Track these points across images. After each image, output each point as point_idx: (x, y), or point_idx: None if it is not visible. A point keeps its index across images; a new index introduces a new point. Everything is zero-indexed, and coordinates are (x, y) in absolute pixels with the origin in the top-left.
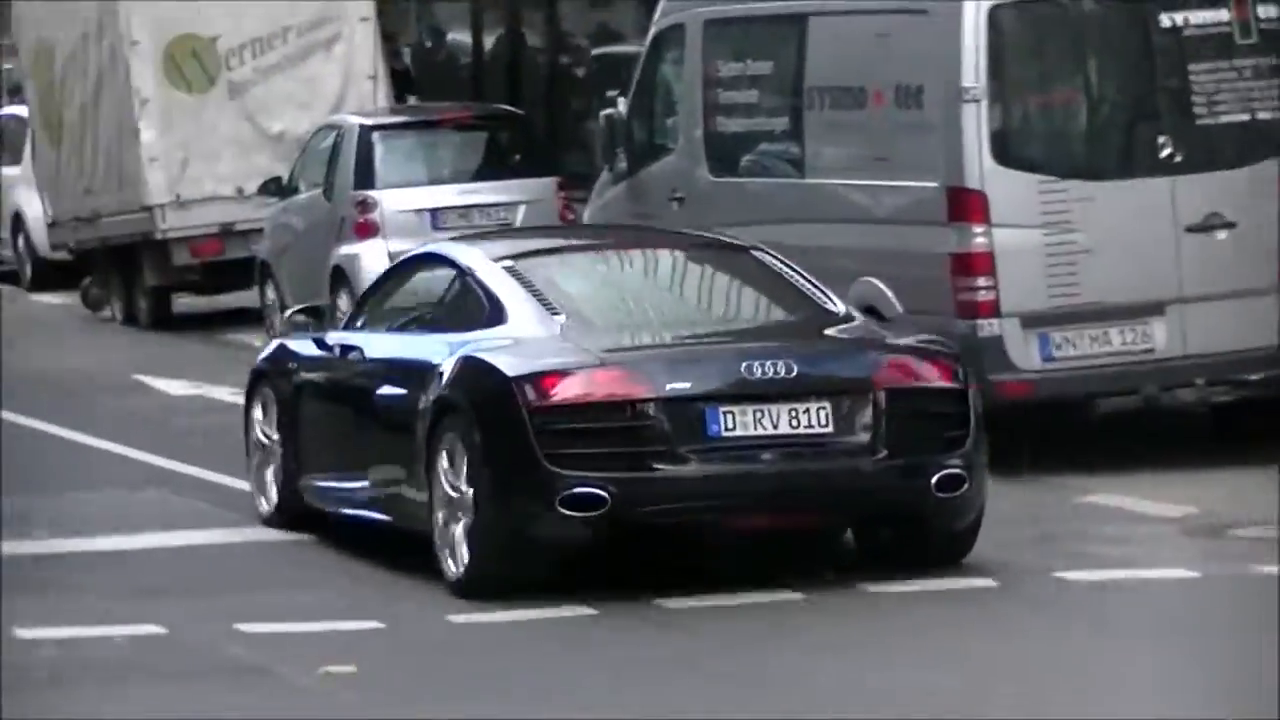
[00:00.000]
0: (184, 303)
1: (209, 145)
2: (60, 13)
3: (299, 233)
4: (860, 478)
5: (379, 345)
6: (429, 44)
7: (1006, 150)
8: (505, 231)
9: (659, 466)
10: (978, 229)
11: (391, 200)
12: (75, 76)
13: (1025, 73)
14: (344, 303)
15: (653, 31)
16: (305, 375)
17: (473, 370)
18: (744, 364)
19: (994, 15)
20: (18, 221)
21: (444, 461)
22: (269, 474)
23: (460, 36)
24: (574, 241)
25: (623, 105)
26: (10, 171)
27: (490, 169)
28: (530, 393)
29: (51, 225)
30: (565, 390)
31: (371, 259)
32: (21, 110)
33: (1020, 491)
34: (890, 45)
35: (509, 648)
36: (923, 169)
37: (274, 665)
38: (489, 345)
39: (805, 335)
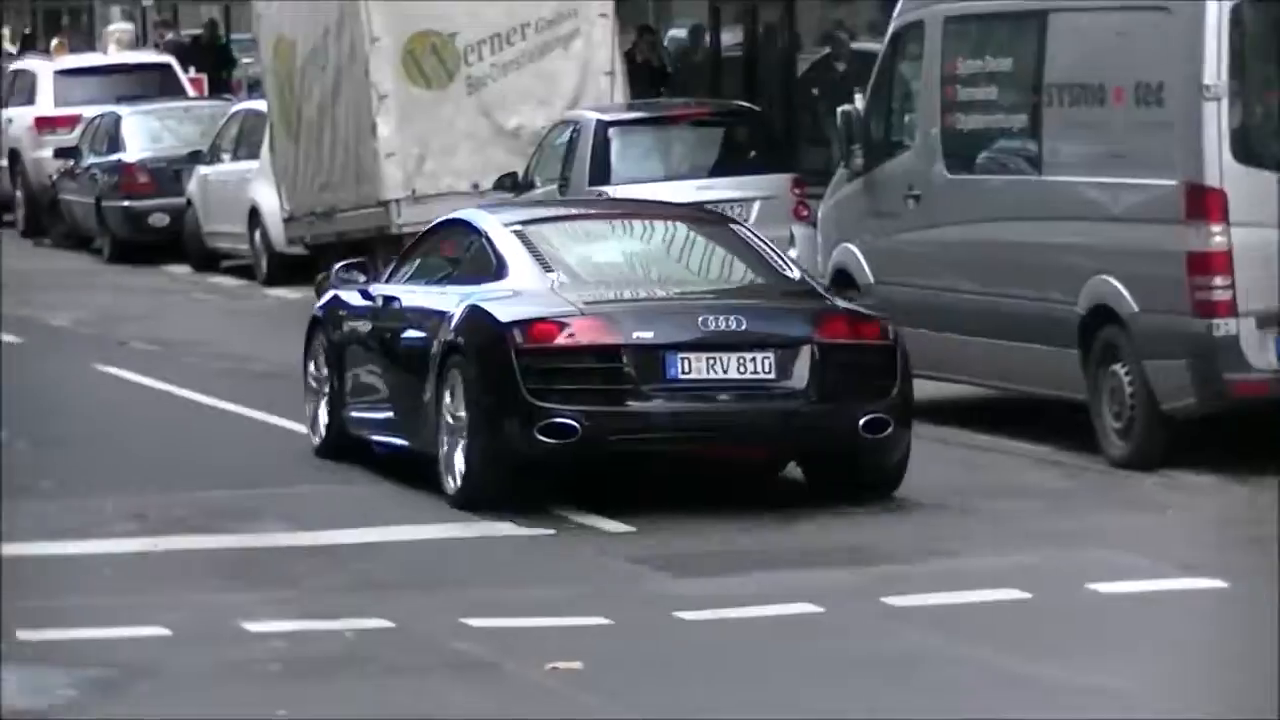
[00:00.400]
0: None
1: (446, 141)
2: (301, 9)
3: None
4: (797, 417)
5: (410, 296)
6: (666, 40)
7: (1246, 148)
8: (521, 202)
9: (625, 402)
10: (1216, 227)
11: (627, 195)
12: (314, 72)
13: (1266, 70)
14: None
15: (892, 28)
16: (351, 322)
17: (473, 317)
18: (701, 318)
19: (1236, 12)
20: (254, 216)
21: (448, 393)
22: (321, 410)
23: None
24: (576, 211)
25: (860, 102)
26: (248, 166)
27: (726, 165)
28: (518, 336)
29: (288, 220)
30: (547, 335)
31: None
32: (260, 105)
33: (1245, 490)
34: (1130, 42)
35: (735, 645)
36: (1161, 167)
37: (502, 661)
38: (490, 296)
39: (759, 296)
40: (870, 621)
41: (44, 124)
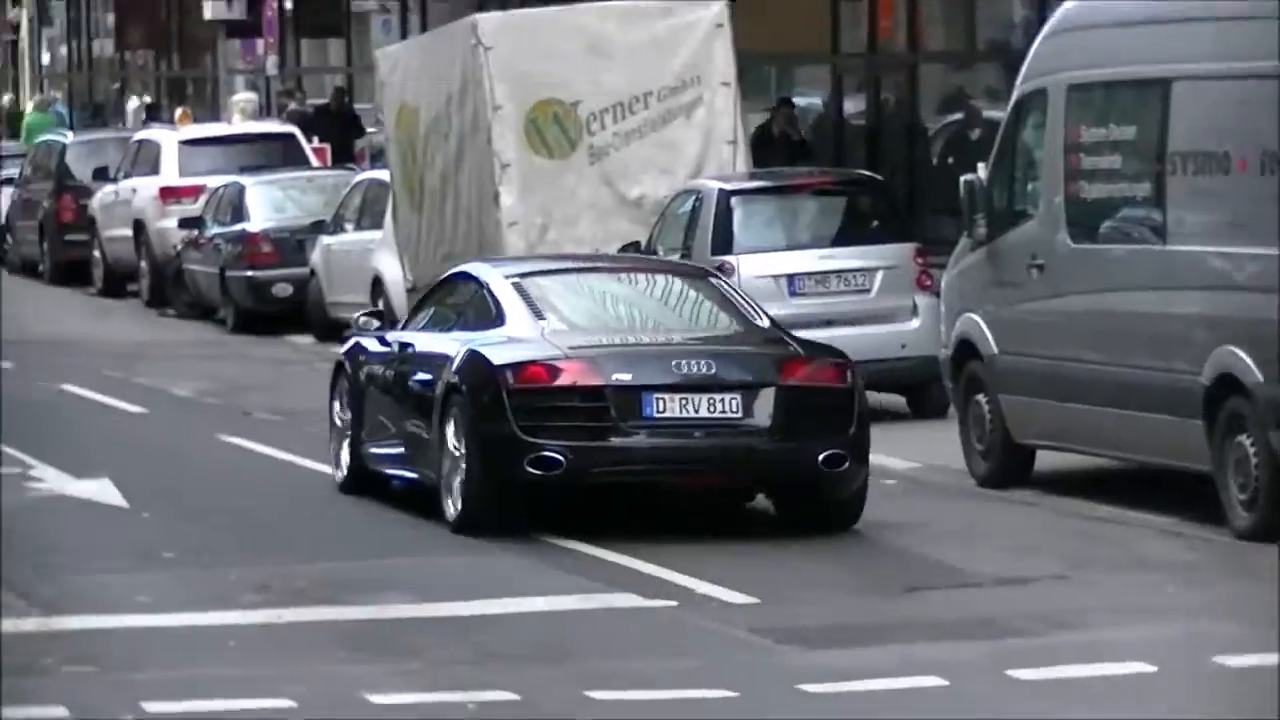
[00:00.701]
0: None
1: (568, 210)
2: (424, 77)
3: None
4: (760, 452)
5: (420, 341)
6: (786, 109)
7: None
8: (521, 258)
9: (607, 438)
10: None
11: (749, 265)
12: (437, 141)
13: None
14: None
15: (1015, 96)
16: (369, 366)
17: (471, 360)
18: (675, 362)
19: None
20: (377, 286)
21: (449, 429)
22: (344, 448)
23: (818, 101)
24: (568, 265)
25: (983, 171)
26: (371, 235)
27: (848, 234)
28: (510, 377)
29: (410, 290)
30: (536, 377)
31: None
32: (382, 174)
33: None
34: (1254, 111)
35: (860, 718)
36: None
37: None
38: (487, 341)
39: (729, 342)
40: (996, 695)
41: (168, 194)
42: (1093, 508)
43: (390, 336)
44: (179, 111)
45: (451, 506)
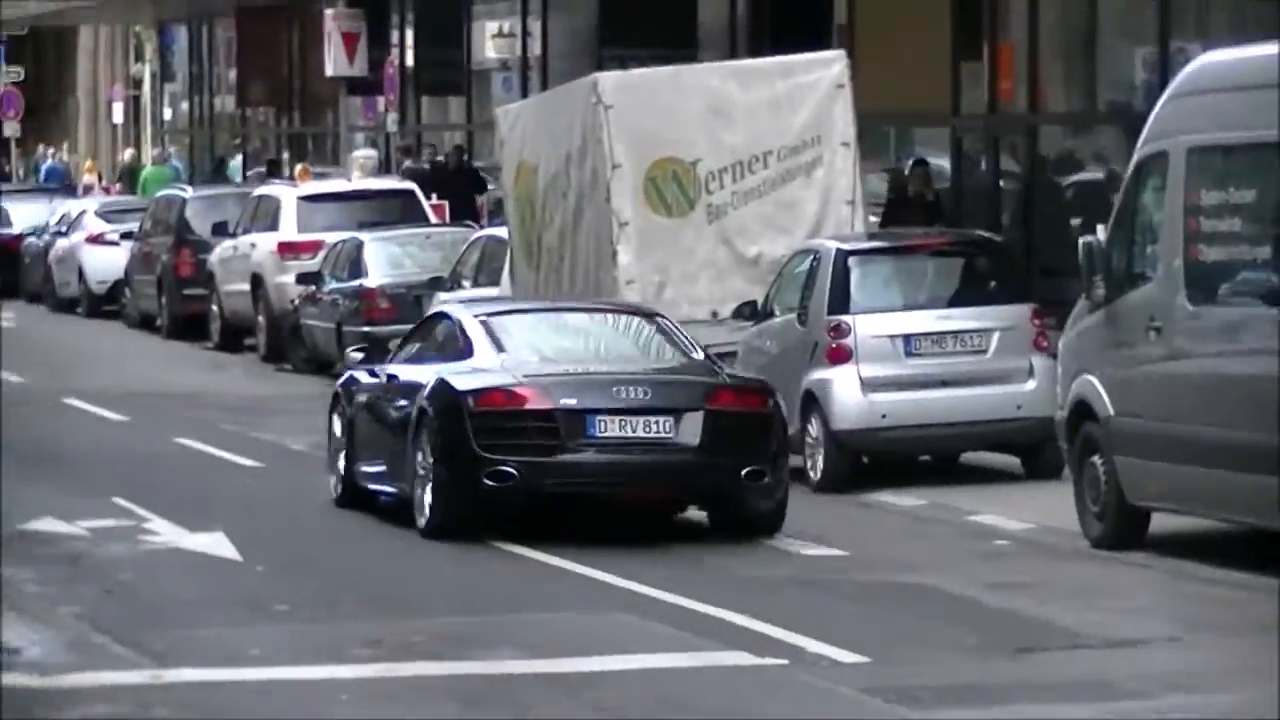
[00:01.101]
0: None
1: (685, 268)
2: (543, 135)
3: (772, 357)
4: (691, 467)
5: (402, 372)
6: (921, 169)
7: None
8: (490, 299)
9: (555, 455)
10: None
11: (865, 326)
12: (555, 198)
13: None
14: (813, 428)
15: (1135, 159)
16: (360, 395)
17: (439, 387)
18: (616, 388)
19: None
20: None
21: (420, 448)
22: (340, 467)
23: (940, 161)
24: (530, 306)
25: (1102, 232)
26: (489, 292)
27: (965, 295)
28: (471, 402)
29: None
30: (493, 401)
31: (844, 385)
32: (500, 231)
33: None
34: None
35: None
36: None
37: None
38: (454, 371)
39: (665, 372)
40: None
41: (287, 249)
42: (1207, 570)
43: (379, 369)
44: (299, 167)
45: (421, 516)
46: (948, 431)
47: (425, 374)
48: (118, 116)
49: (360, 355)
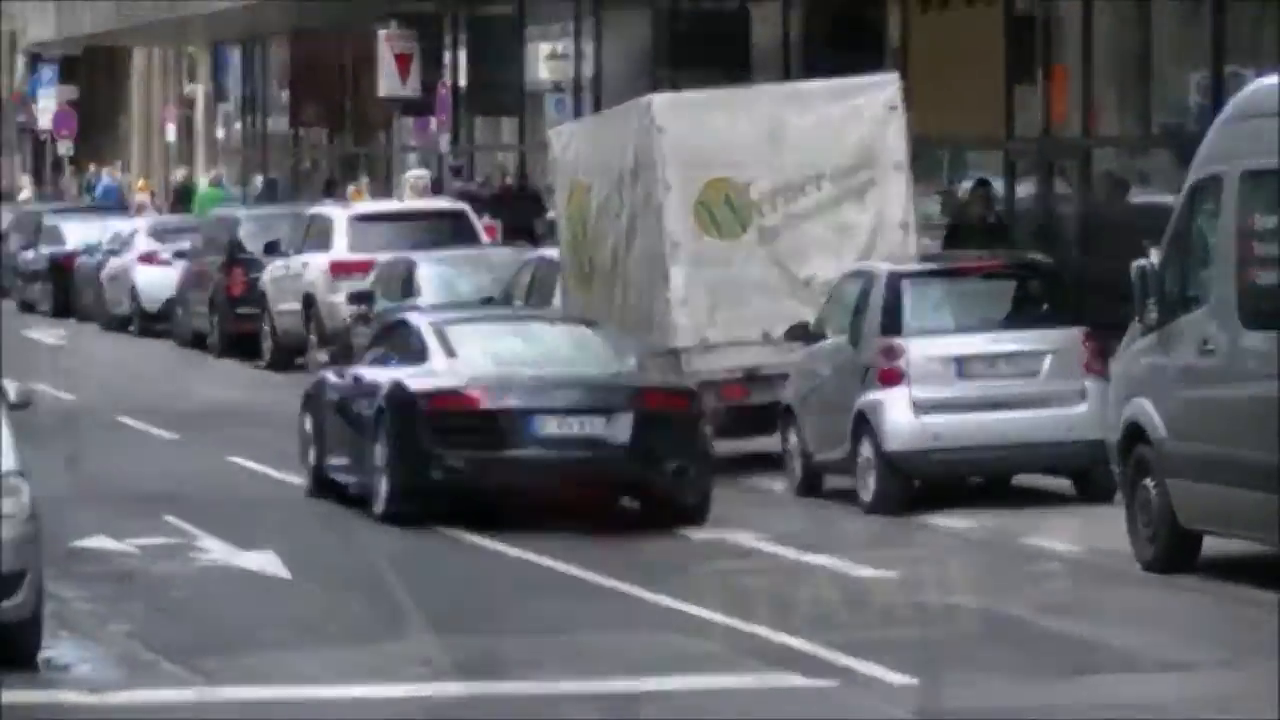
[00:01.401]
0: None
1: (737, 290)
2: (597, 156)
3: (824, 378)
4: (622, 463)
5: (365, 374)
6: (982, 191)
7: None
8: (446, 306)
9: (499, 451)
10: None
11: (918, 348)
12: (608, 219)
13: None
14: (865, 450)
15: (1189, 182)
16: (329, 395)
17: (395, 388)
18: (554, 391)
19: None
20: None
21: (378, 443)
22: (310, 460)
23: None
24: (485, 314)
25: (1155, 256)
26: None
27: (1018, 318)
28: (423, 402)
29: None
30: (443, 401)
31: (896, 407)
32: (551, 252)
33: None
34: None
35: None
36: None
37: None
38: (410, 373)
39: (598, 376)
40: None
41: (339, 269)
42: (1259, 594)
43: (346, 371)
44: (351, 188)
45: (378, 504)
46: (999, 454)
47: (385, 376)
48: (170, 136)
49: (327, 358)
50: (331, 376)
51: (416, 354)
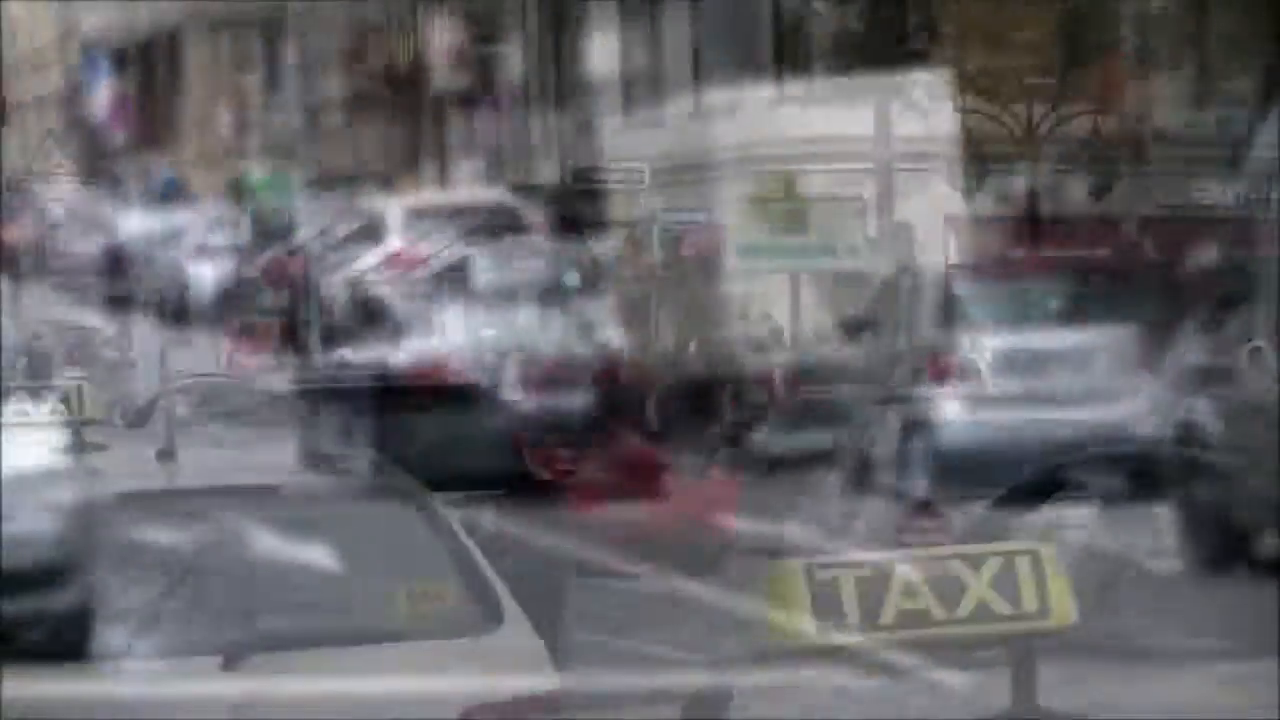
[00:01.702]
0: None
1: (790, 282)
2: (652, 152)
3: (877, 373)
4: None
5: None
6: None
7: None
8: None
9: None
10: None
11: (969, 343)
12: (663, 214)
13: None
14: (917, 446)
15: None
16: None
17: None
18: None
19: None
20: None
21: None
22: None
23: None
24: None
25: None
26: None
27: (1072, 314)
28: None
29: None
30: None
31: (947, 403)
32: (601, 247)
33: None
34: None
35: None
36: None
37: None
38: None
39: None
40: None
41: (393, 261)
42: None
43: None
44: (405, 183)
45: None
46: (1051, 450)
47: None
48: (225, 129)
49: None
50: None
51: None
